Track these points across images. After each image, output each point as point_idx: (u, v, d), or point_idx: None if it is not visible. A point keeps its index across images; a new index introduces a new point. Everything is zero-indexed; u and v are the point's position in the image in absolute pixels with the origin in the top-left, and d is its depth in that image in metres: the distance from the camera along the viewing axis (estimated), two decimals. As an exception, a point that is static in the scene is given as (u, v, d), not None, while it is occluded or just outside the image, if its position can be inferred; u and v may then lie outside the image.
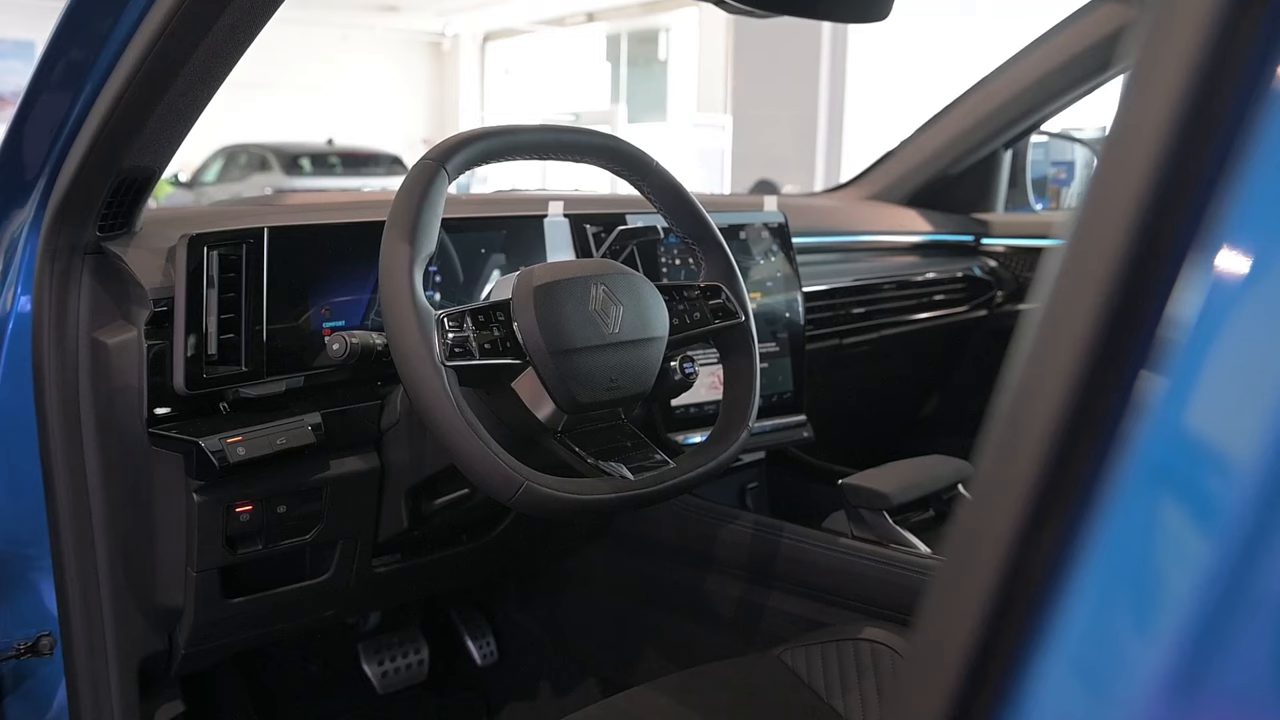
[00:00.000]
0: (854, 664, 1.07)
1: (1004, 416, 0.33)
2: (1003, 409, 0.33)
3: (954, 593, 0.32)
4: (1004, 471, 0.31)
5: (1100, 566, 0.28)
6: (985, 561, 0.31)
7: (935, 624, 0.33)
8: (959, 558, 0.33)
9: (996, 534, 0.31)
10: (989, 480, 0.32)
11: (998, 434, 0.33)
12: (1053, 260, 0.33)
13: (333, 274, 1.04)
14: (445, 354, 0.83)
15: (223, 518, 0.99)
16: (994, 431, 0.33)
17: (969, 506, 0.33)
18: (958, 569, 0.33)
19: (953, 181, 2.01)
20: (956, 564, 0.33)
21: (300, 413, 1.00)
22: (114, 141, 0.90)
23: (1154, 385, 0.29)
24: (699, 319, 1.04)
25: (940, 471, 1.26)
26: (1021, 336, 0.33)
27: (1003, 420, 0.33)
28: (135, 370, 0.96)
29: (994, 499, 0.31)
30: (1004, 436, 0.32)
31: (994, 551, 0.30)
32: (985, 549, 0.31)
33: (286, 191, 8.29)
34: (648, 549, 1.36)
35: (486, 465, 0.83)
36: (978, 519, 0.32)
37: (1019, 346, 0.33)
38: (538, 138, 0.97)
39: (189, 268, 0.94)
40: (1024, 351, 0.33)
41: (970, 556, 0.32)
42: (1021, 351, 0.33)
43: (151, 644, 1.06)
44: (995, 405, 0.34)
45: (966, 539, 0.33)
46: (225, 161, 10.76)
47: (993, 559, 0.30)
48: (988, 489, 0.32)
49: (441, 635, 1.55)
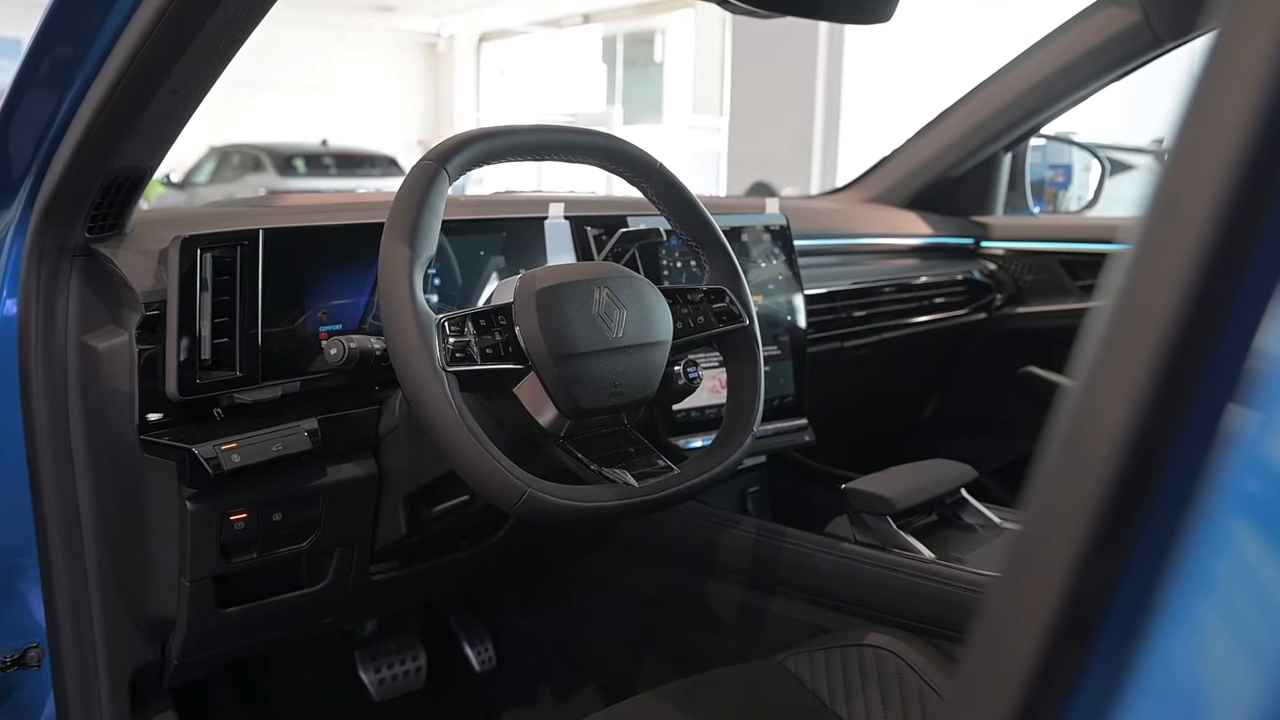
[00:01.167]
0: (858, 670, 1.06)
1: (1065, 439, 0.31)
2: (1063, 432, 0.31)
3: (1010, 626, 0.30)
4: (1065, 499, 0.30)
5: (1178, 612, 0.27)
6: (1046, 588, 0.29)
7: (988, 657, 0.31)
8: (1015, 590, 0.31)
9: (1058, 560, 0.29)
10: (1048, 508, 0.31)
11: (1058, 458, 0.31)
12: (1120, 265, 0.31)
13: (329, 277, 1.03)
14: (446, 359, 0.82)
15: (217, 526, 0.97)
16: (1054, 455, 0.31)
17: (1026, 532, 0.32)
18: (1014, 601, 0.31)
19: (952, 184, 2.00)
20: (1012, 595, 0.31)
21: (296, 418, 0.98)
22: (103, 140, 0.88)
23: (1237, 408, 0.27)
24: (703, 323, 1.02)
25: (943, 475, 1.25)
26: (1086, 347, 0.31)
27: (1064, 443, 0.31)
28: (126, 375, 0.94)
29: (1055, 524, 0.30)
30: (1066, 460, 0.30)
31: (1057, 578, 0.29)
32: (1046, 576, 0.29)
33: (280, 193, 8.27)
34: (649, 554, 1.35)
35: (488, 472, 0.81)
36: (1038, 545, 0.31)
37: (1083, 358, 0.31)
38: (539, 138, 0.95)
39: (182, 270, 0.92)
40: (1090, 366, 0.31)
41: (1030, 586, 0.30)
42: (1087, 365, 0.31)
43: (143, 655, 1.04)
44: (1051, 431, 0.32)
45: (1025, 566, 0.31)
46: (218, 162, 10.71)
47: (1057, 586, 0.29)
48: (1046, 514, 0.30)
49: (439, 641, 1.53)
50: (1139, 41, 1.69)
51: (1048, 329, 1.92)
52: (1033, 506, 0.32)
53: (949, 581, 1.07)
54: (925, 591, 1.08)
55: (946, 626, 1.06)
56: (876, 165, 2.06)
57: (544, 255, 1.23)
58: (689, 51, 12.73)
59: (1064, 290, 1.92)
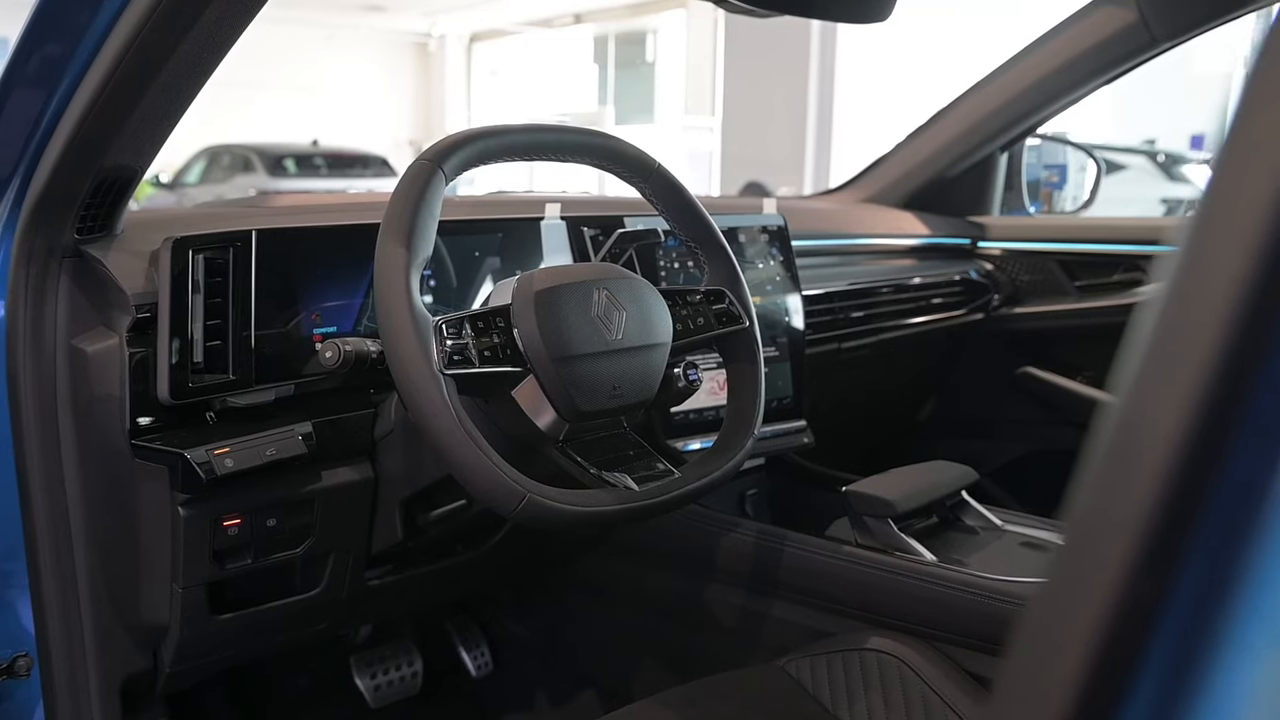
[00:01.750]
0: (860, 675, 1.05)
1: (1110, 450, 0.29)
2: (1108, 442, 0.30)
3: (1052, 646, 0.29)
4: (1115, 508, 0.28)
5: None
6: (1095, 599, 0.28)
7: (1027, 678, 0.30)
8: (1061, 605, 0.30)
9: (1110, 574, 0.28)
10: (1092, 523, 0.29)
11: (1103, 470, 0.30)
12: (1172, 265, 0.29)
13: (323, 278, 1.01)
14: (444, 362, 0.80)
15: (210, 532, 0.95)
16: (1098, 466, 0.30)
17: (1069, 548, 0.30)
18: (1059, 615, 0.29)
19: (949, 184, 1.99)
20: (1057, 609, 0.30)
21: (290, 422, 0.97)
22: (93, 139, 0.86)
23: None
24: (703, 324, 1.01)
25: (944, 477, 1.24)
26: (1132, 352, 0.30)
27: (1109, 454, 0.30)
28: (117, 379, 0.92)
29: (1100, 540, 0.28)
30: (1112, 472, 0.29)
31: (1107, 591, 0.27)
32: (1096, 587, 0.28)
33: (272, 193, 8.22)
34: (647, 557, 1.33)
35: (487, 477, 0.80)
36: (1084, 555, 0.29)
37: (1129, 365, 0.30)
38: (537, 138, 0.94)
39: (173, 272, 0.91)
40: (1137, 373, 0.30)
41: (1077, 599, 0.29)
42: (1134, 372, 0.30)
43: (135, 663, 1.02)
44: (1095, 441, 0.30)
45: (1069, 584, 0.30)
46: (208, 162, 10.66)
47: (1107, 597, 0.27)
48: (1091, 530, 0.29)
49: (435, 646, 1.52)
50: (1135, 41, 1.69)
51: (1045, 329, 1.92)
52: (1075, 521, 0.31)
53: (952, 585, 1.06)
54: (927, 595, 1.07)
55: (949, 630, 1.05)
56: (872, 165, 2.05)
57: (540, 256, 1.21)
58: (681, 51, 12.72)
59: (1061, 290, 1.91)
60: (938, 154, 1.97)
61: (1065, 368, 1.90)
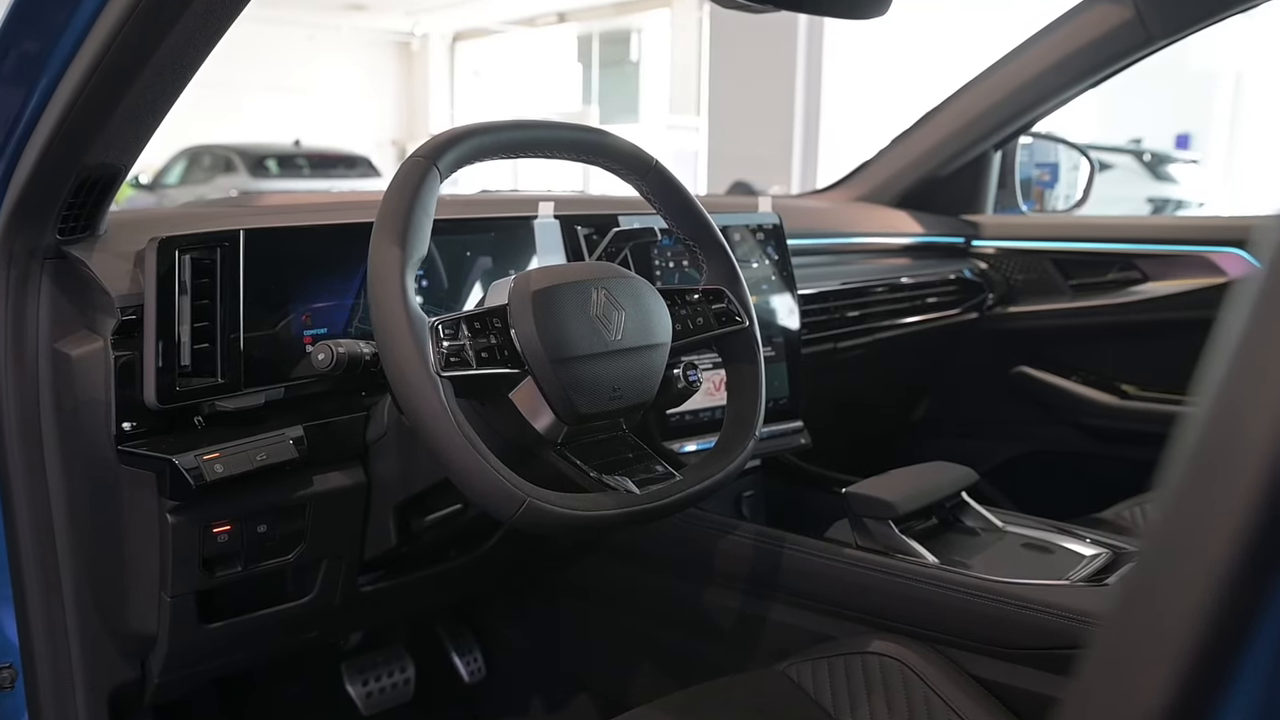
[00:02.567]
0: (862, 678, 1.03)
1: (1198, 454, 0.28)
2: (1195, 445, 0.28)
3: (1135, 663, 0.27)
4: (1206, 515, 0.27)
5: None
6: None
7: (1106, 698, 0.28)
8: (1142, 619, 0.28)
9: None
10: (1180, 532, 0.28)
11: (1189, 473, 0.28)
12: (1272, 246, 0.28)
13: (313, 279, 0.99)
14: (441, 363, 0.78)
15: (199, 539, 0.93)
16: (1183, 470, 0.28)
17: (1151, 562, 0.29)
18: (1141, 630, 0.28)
19: (942, 183, 1.98)
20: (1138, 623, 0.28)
21: (281, 426, 0.95)
22: (75, 137, 0.84)
23: None
24: (702, 324, 1.00)
25: (944, 479, 1.22)
26: (1220, 352, 0.28)
27: (1196, 459, 0.28)
28: (102, 383, 0.90)
29: (1190, 551, 0.27)
30: (1201, 477, 0.27)
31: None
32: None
33: (254, 194, 8.16)
34: (644, 560, 1.32)
35: (485, 481, 0.78)
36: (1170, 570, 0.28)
37: (1216, 364, 0.28)
38: (532, 134, 0.92)
39: (159, 273, 0.89)
40: (1229, 372, 0.28)
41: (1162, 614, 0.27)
42: (1225, 371, 0.28)
43: (122, 674, 0.99)
44: (1178, 444, 0.29)
45: (1153, 598, 0.28)
46: (188, 163, 10.56)
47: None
48: (1179, 541, 0.27)
49: (427, 652, 1.49)
50: (1131, 39, 1.68)
51: (1040, 329, 1.91)
52: (1161, 531, 0.29)
53: (954, 587, 1.05)
54: (929, 597, 1.06)
55: (952, 633, 1.04)
56: (865, 163, 2.04)
57: (534, 256, 1.19)
58: (665, 50, 12.72)
59: (1056, 289, 1.91)
60: (931, 152, 1.96)
61: (1060, 367, 1.90)
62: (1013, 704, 0.99)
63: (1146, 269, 1.83)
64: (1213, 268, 1.77)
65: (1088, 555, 1.11)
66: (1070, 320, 1.87)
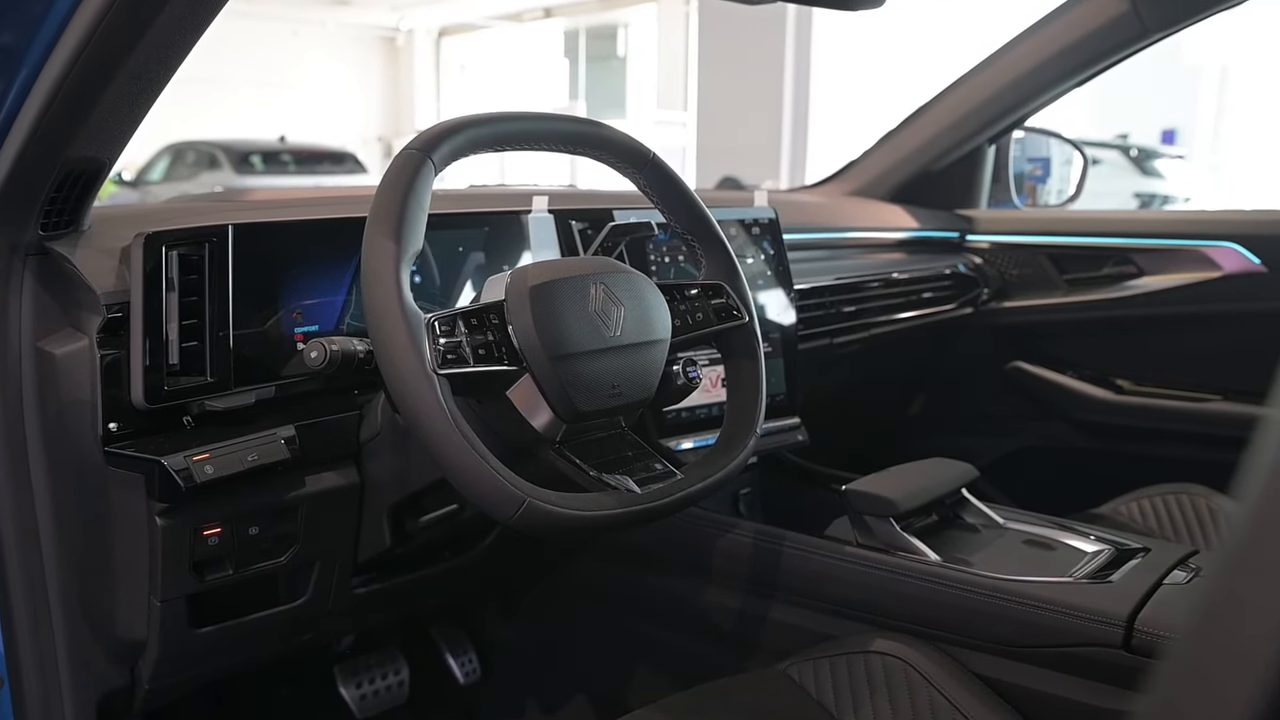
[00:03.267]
0: (865, 678, 1.02)
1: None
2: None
3: (1221, 675, 0.26)
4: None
5: None
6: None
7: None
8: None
9: None
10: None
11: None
12: None
13: (304, 274, 0.97)
14: (437, 361, 0.76)
15: (189, 542, 0.91)
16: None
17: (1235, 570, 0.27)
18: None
19: (936, 177, 1.97)
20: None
21: (272, 426, 0.92)
22: (57, 130, 0.81)
23: None
24: (701, 319, 0.98)
25: (945, 475, 1.21)
26: None
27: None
28: (87, 383, 0.87)
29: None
30: None
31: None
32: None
33: (239, 190, 8.08)
34: (641, 559, 1.30)
35: (484, 482, 0.76)
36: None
37: None
38: (529, 126, 0.90)
39: (146, 269, 0.86)
40: None
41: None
42: None
43: (110, 680, 0.97)
44: (1260, 440, 0.27)
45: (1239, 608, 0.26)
46: (172, 159, 10.47)
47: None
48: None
49: (421, 653, 1.47)
50: (1127, 32, 1.67)
51: (1035, 323, 1.90)
52: (1245, 538, 0.27)
53: (957, 585, 1.04)
54: (932, 596, 1.05)
55: (956, 631, 1.03)
56: (859, 158, 2.03)
57: (527, 252, 1.18)
58: (652, 45, 12.69)
59: (1051, 284, 1.90)
60: (925, 146, 1.95)
61: (1055, 362, 1.89)
62: (1018, 703, 0.98)
63: (1141, 263, 1.82)
64: (1208, 262, 1.76)
65: (1090, 551, 1.11)
66: (1065, 315, 1.87)
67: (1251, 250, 1.72)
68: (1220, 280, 1.73)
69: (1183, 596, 0.98)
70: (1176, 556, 1.06)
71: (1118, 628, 0.93)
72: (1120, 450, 1.84)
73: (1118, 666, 0.93)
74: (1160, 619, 0.93)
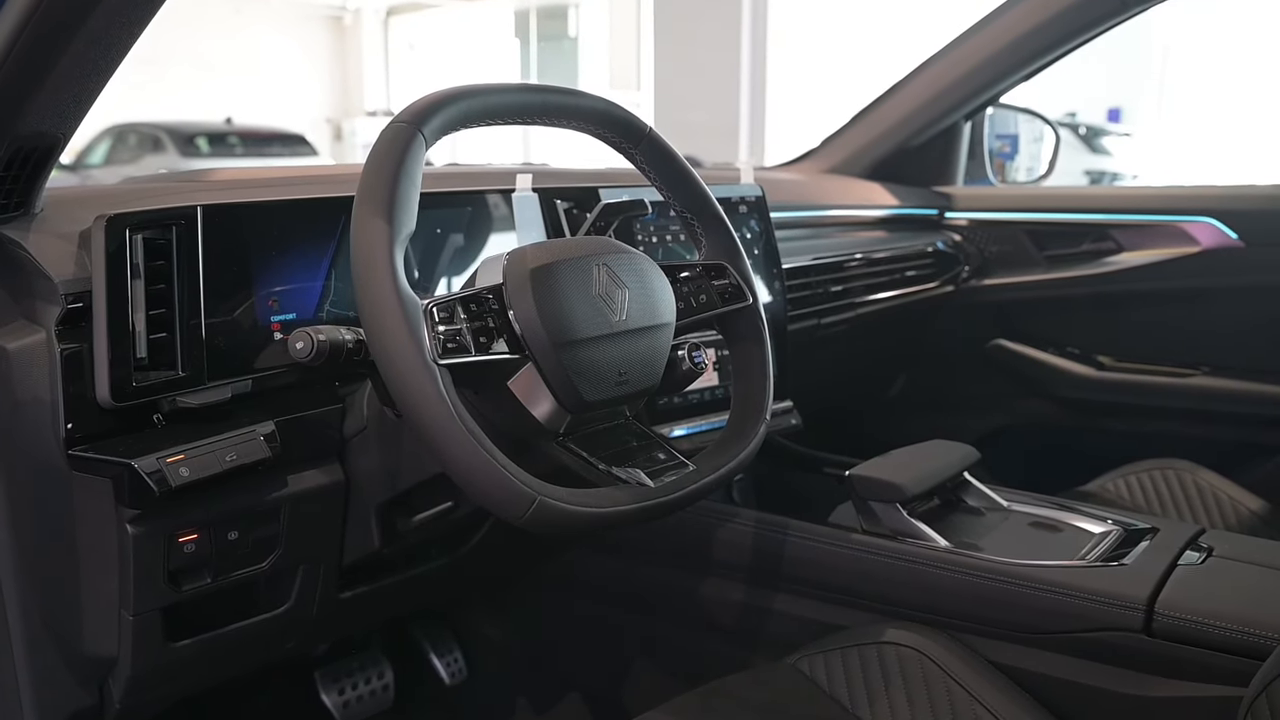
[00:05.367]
0: (879, 669, 0.99)
1: None
2: None
3: None
4: None
5: None
6: None
7: None
8: None
9: None
10: None
11: None
12: None
13: (279, 259, 0.91)
14: (438, 350, 0.71)
15: (163, 550, 0.84)
16: None
17: None
18: None
19: (913, 154, 1.95)
20: None
21: (250, 422, 0.86)
22: (4, 102, 0.74)
23: None
24: (705, 301, 0.94)
25: (948, 458, 1.19)
26: None
27: None
28: (46, 380, 0.80)
29: None
30: None
31: None
32: None
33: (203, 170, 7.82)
34: (635, 550, 1.25)
35: (492, 479, 0.71)
36: None
37: None
38: (522, 99, 0.85)
39: (108, 254, 0.80)
40: None
41: None
42: None
43: (78, 700, 0.90)
44: None
45: None
46: (113, 142, 10.10)
47: None
48: None
49: (405, 655, 1.41)
50: (1105, 6, 1.66)
51: (1015, 301, 1.89)
52: None
53: (968, 571, 1.01)
54: (944, 583, 1.02)
55: (969, 619, 1.00)
56: (835, 134, 1.99)
57: (511, 232, 1.12)
58: (604, 25, 12.56)
59: (1030, 261, 1.89)
60: (902, 123, 1.92)
61: (1037, 339, 1.88)
62: (1038, 691, 0.96)
63: (1120, 239, 1.82)
64: (1186, 237, 1.76)
65: (1098, 533, 1.09)
66: (1045, 292, 1.86)
67: (1228, 225, 1.72)
68: (1198, 255, 1.74)
69: (1201, 578, 0.96)
70: (1186, 536, 1.04)
71: (1138, 611, 0.91)
72: (1103, 426, 1.84)
73: (1139, 651, 0.91)
74: (1180, 601, 0.92)
